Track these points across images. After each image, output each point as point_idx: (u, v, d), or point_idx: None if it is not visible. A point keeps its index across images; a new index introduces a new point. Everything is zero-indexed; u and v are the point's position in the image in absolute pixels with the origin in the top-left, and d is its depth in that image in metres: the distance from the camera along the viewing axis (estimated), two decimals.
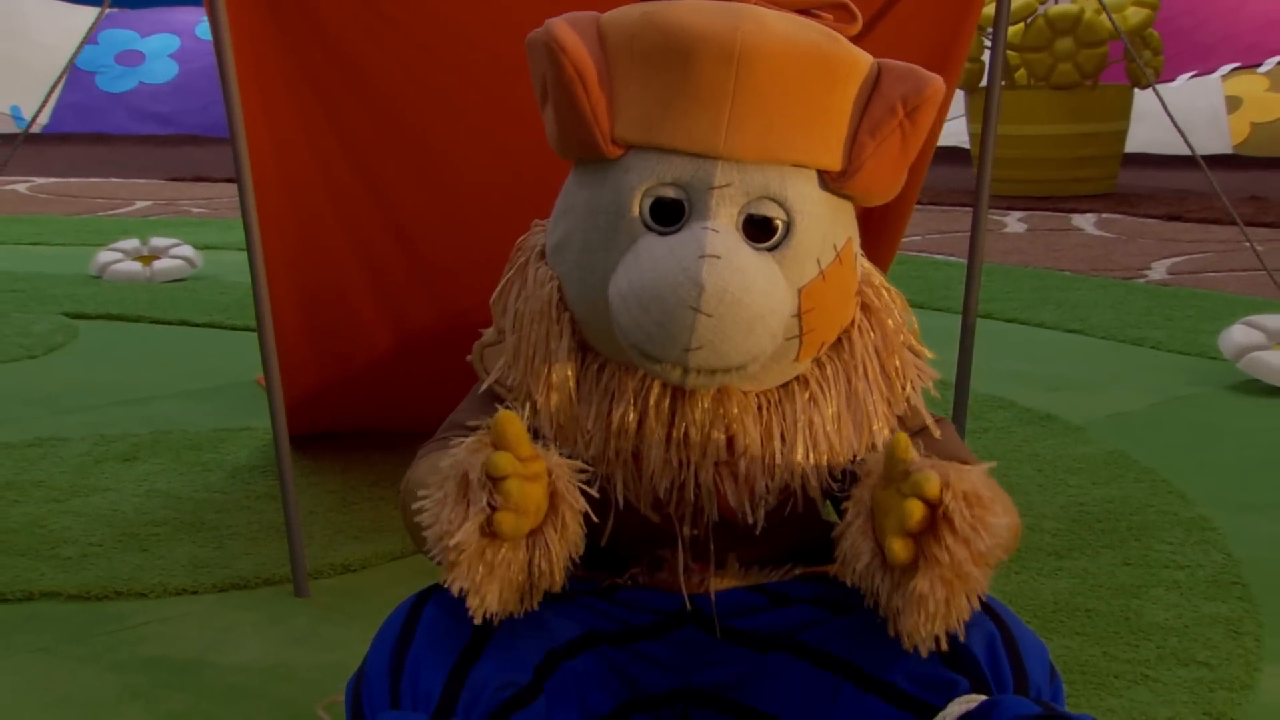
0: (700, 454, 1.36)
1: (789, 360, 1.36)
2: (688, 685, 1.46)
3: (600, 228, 1.33)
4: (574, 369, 1.37)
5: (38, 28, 8.51)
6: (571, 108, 1.32)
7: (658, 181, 1.31)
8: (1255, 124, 6.92)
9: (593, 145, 1.33)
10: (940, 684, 1.33)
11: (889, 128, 1.33)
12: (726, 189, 1.30)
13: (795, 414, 1.38)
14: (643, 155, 1.32)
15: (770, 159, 1.31)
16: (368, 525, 2.17)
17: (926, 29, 2.16)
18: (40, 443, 2.56)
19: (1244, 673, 1.71)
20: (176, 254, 4.14)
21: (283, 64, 2.01)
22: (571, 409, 1.38)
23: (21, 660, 1.75)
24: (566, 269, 1.37)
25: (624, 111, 1.32)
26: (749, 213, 1.31)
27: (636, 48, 1.31)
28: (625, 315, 1.29)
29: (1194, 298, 3.91)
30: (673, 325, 1.26)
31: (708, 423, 1.35)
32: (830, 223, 1.36)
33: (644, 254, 1.29)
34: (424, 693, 1.31)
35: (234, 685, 1.69)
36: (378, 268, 2.23)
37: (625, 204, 1.32)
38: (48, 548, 2.06)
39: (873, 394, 1.41)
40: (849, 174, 1.34)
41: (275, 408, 1.95)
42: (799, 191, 1.32)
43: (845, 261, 1.38)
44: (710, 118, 1.30)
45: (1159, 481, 2.40)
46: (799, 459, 1.38)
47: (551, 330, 1.38)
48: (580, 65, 1.31)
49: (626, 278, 1.30)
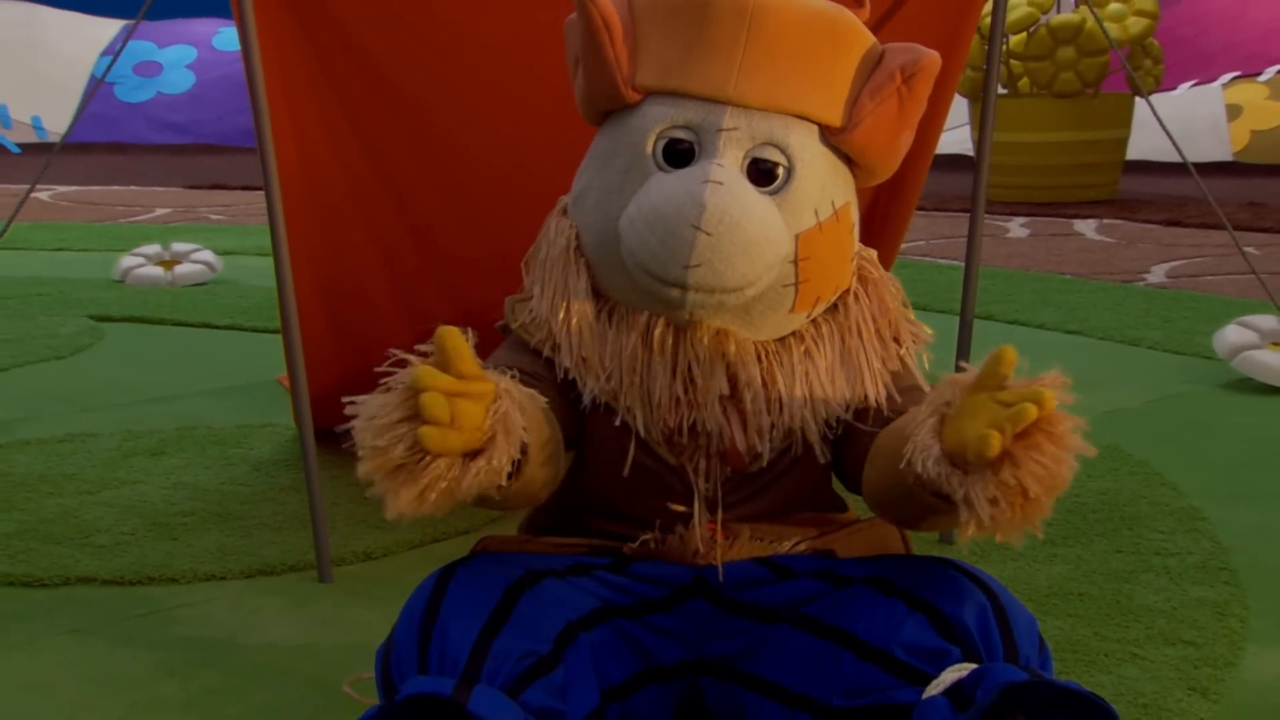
0: (705, 389, 1.45)
1: (784, 311, 1.46)
2: (697, 656, 1.54)
3: (616, 169, 1.45)
4: (591, 305, 1.48)
5: (57, 39, 8.60)
6: (598, 55, 1.44)
7: (671, 124, 1.43)
8: (1255, 132, 6.98)
9: (615, 91, 1.45)
10: (934, 653, 1.40)
11: (888, 91, 1.45)
12: (734, 132, 1.42)
13: (792, 363, 1.48)
14: (659, 100, 1.44)
15: (776, 107, 1.43)
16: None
17: (928, 31, 2.23)
18: (71, 438, 2.64)
19: (1228, 651, 1.78)
20: (197, 259, 4.21)
21: (307, 68, 2.09)
22: (590, 342, 1.48)
23: (61, 640, 1.83)
24: (584, 216, 1.49)
25: (645, 62, 1.44)
26: (754, 156, 1.43)
27: (660, 3, 1.44)
28: (633, 236, 1.40)
29: (1191, 300, 3.98)
30: (675, 242, 1.37)
31: (708, 359, 1.45)
32: (829, 179, 1.47)
33: (654, 185, 1.41)
34: (450, 660, 1.39)
35: (263, 663, 1.76)
36: (396, 264, 2.31)
37: (640, 144, 1.44)
38: (82, 536, 2.15)
39: (865, 351, 1.52)
40: (848, 129, 1.46)
41: (300, 398, 2.02)
42: (800, 141, 1.44)
43: (842, 221, 1.48)
44: (722, 65, 1.42)
45: (1152, 474, 2.47)
46: (798, 402, 1.48)
47: (570, 272, 1.49)
48: (608, 18, 1.43)
49: (636, 205, 1.41)
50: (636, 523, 1.56)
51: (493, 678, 1.38)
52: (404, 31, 2.07)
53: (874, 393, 1.52)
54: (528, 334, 1.54)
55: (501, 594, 1.43)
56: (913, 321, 1.58)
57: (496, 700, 1.35)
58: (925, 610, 1.44)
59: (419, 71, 2.12)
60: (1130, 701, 1.64)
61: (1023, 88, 6.06)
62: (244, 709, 1.64)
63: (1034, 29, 5.92)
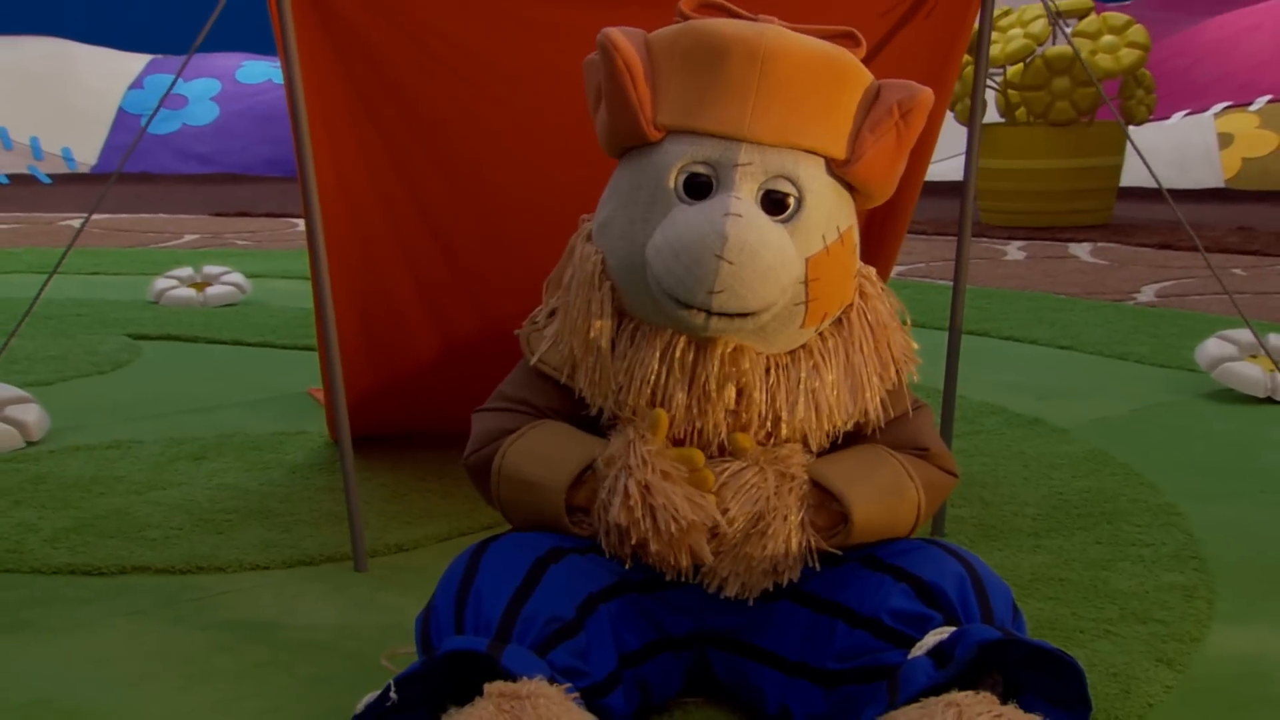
0: (714, 404, 1.61)
1: (796, 326, 1.61)
2: (705, 628, 1.68)
3: (640, 202, 1.59)
4: (611, 327, 1.63)
5: (87, 73, 8.83)
6: (621, 97, 1.58)
7: (691, 160, 1.58)
8: (1246, 159, 7.14)
9: (638, 129, 1.59)
10: (918, 619, 1.56)
11: (886, 126, 1.61)
12: (749, 167, 1.57)
13: (799, 377, 1.63)
14: (679, 138, 1.58)
15: (786, 143, 1.58)
16: (417, 513, 2.40)
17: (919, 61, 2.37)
18: (118, 445, 2.79)
19: (1195, 628, 1.92)
20: (228, 280, 4.37)
21: (345, 98, 2.24)
22: (607, 363, 1.63)
23: (120, 621, 1.97)
24: (610, 243, 1.63)
25: (664, 103, 1.58)
26: (767, 189, 1.58)
27: (678, 49, 1.58)
28: (660, 264, 1.55)
29: (1178, 318, 4.13)
30: (700, 269, 1.52)
31: (723, 375, 1.61)
32: (835, 206, 1.62)
33: (678, 216, 1.56)
34: (484, 622, 1.54)
35: (307, 641, 1.90)
36: (425, 279, 2.45)
37: (663, 179, 1.58)
38: (134, 531, 2.30)
39: (867, 367, 1.67)
40: (852, 162, 1.61)
41: (338, 400, 2.17)
42: (809, 173, 1.59)
43: (846, 243, 1.63)
44: (737, 106, 1.57)
45: (1133, 475, 2.61)
46: (800, 415, 1.63)
47: (594, 296, 1.63)
48: (630, 61, 1.58)
49: (662, 234, 1.56)
50: None
51: (522, 638, 1.52)
52: (435, 64, 2.23)
53: (872, 408, 1.68)
54: (545, 364, 1.70)
55: (530, 566, 1.58)
56: (907, 338, 1.73)
57: (526, 658, 1.49)
58: (910, 581, 1.59)
59: (448, 100, 2.27)
60: (1102, 671, 1.77)
61: (1019, 116, 6.23)
62: (291, 680, 1.78)
63: (1030, 60, 6.09)
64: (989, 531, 2.31)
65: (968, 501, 2.45)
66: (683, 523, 1.58)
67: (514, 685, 1.43)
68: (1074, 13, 6.18)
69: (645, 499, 1.59)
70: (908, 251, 5.47)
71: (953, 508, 2.38)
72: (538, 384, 1.71)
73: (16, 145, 8.48)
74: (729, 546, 1.61)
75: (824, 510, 1.64)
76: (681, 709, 1.70)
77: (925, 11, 2.31)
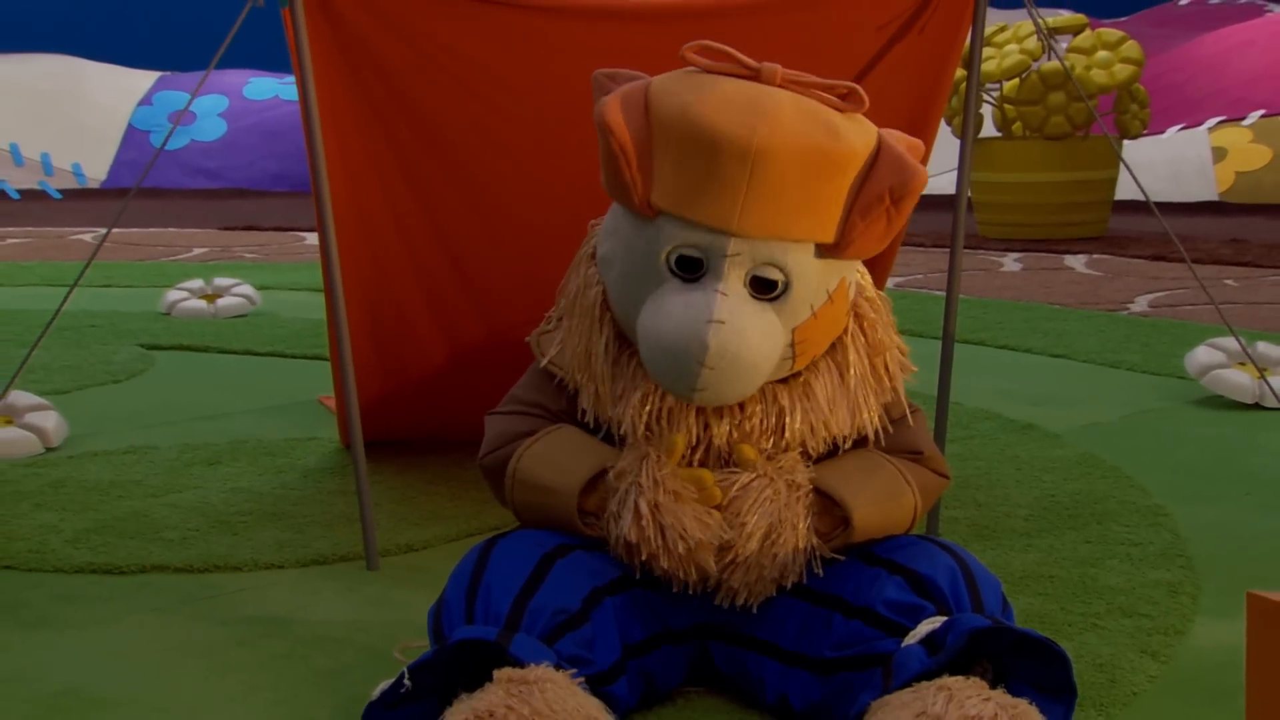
0: (715, 425, 1.69)
1: (785, 372, 1.69)
2: (706, 621, 1.75)
3: (636, 264, 1.65)
4: (610, 359, 1.70)
5: (96, 90, 8.94)
6: (616, 176, 1.63)
7: (682, 243, 1.61)
8: (1239, 173, 7.22)
9: (632, 205, 1.64)
10: (911, 609, 1.62)
11: (877, 212, 1.63)
12: (737, 257, 1.61)
13: (794, 395, 1.70)
14: (671, 221, 1.61)
15: (775, 236, 1.60)
16: (426, 515, 2.47)
17: (912, 76, 2.45)
18: (134, 450, 2.86)
19: (1179, 622, 1.98)
20: (238, 292, 4.44)
21: (357, 112, 2.31)
22: (605, 392, 1.71)
23: (142, 617, 2.04)
24: (610, 280, 1.70)
25: (659, 184, 1.61)
26: (754, 274, 1.62)
27: (673, 135, 1.60)
28: (647, 351, 1.63)
29: (1170, 327, 4.19)
30: (683, 372, 1.59)
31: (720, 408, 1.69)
32: (821, 278, 1.65)
33: (666, 304, 1.61)
34: (494, 613, 1.60)
35: (322, 635, 1.96)
36: (434, 288, 2.51)
37: (655, 255, 1.62)
38: (152, 532, 2.37)
39: (862, 386, 1.73)
40: (841, 246, 1.64)
41: (350, 405, 2.24)
42: (797, 259, 1.62)
43: (836, 300, 1.68)
44: (727, 202, 1.59)
45: (1123, 478, 2.67)
46: (798, 426, 1.70)
47: (594, 327, 1.71)
48: (624, 144, 1.61)
49: (652, 320, 1.61)
50: None
51: (530, 629, 1.59)
52: (446, 79, 2.30)
53: (870, 424, 1.75)
54: (554, 366, 1.78)
55: (538, 561, 1.65)
56: (902, 350, 1.78)
57: (534, 646, 1.56)
58: (904, 574, 1.66)
59: (458, 114, 2.34)
60: (1089, 662, 1.83)
61: (1016, 131, 6.31)
62: (308, 671, 1.85)
63: (1026, 75, 6.18)
64: (982, 532, 2.38)
65: (961, 503, 2.51)
66: (691, 542, 1.65)
67: (522, 671, 1.50)
68: (1069, 29, 6.27)
69: (655, 518, 1.66)
70: (906, 263, 5.55)
71: (947, 509, 2.45)
72: (549, 387, 1.79)
73: (28, 161, 8.58)
74: (742, 560, 1.68)
75: (825, 515, 1.71)
76: (684, 698, 1.76)
77: (919, 27, 2.38)
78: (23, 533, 2.36)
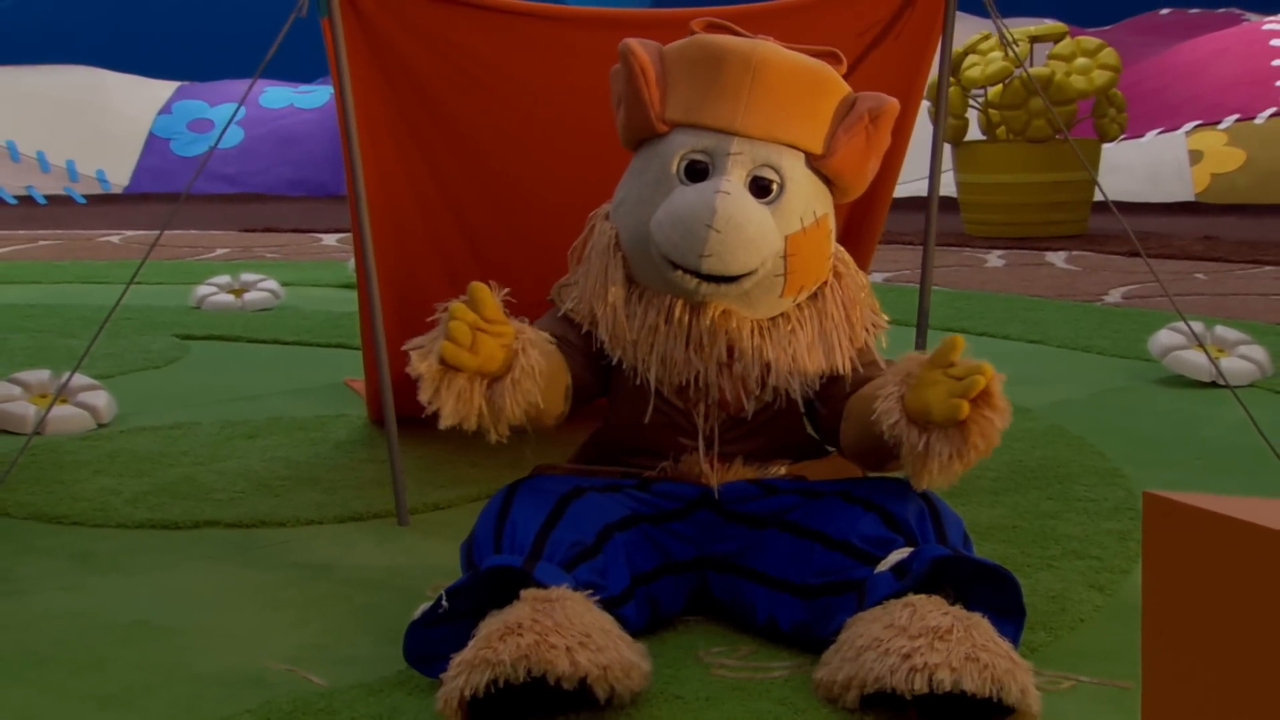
0: (708, 355, 1.92)
1: (775, 295, 1.91)
2: (704, 554, 1.97)
3: (648, 183, 1.90)
4: (624, 291, 1.93)
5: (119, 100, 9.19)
6: (636, 96, 1.89)
7: (691, 149, 1.88)
8: (1215, 175, 7.45)
9: (649, 123, 1.89)
10: (883, 541, 1.85)
11: (858, 128, 1.91)
12: (739, 156, 1.87)
13: (779, 338, 1.94)
14: (682, 131, 1.89)
15: (772, 138, 1.88)
16: (449, 480, 2.69)
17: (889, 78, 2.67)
18: (179, 426, 3.09)
19: (1125, 563, 2.20)
20: (263, 287, 4.67)
21: (387, 112, 2.53)
22: (621, 320, 1.93)
23: (198, 564, 2.26)
24: (622, 219, 1.94)
25: (672, 101, 1.89)
26: (754, 175, 1.88)
27: (685, 58, 1.89)
28: (659, 233, 1.85)
29: (1140, 316, 4.42)
30: (692, 236, 1.82)
31: (713, 331, 1.91)
32: (812, 194, 1.92)
33: (676, 195, 1.86)
34: (519, 545, 1.82)
35: (362, 578, 2.18)
36: (455, 272, 2.72)
37: (667, 164, 1.87)
38: (203, 494, 2.59)
39: (838, 331, 1.98)
40: (827, 156, 1.91)
41: (382, 375, 2.47)
42: (790, 164, 1.89)
43: (821, 228, 1.93)
44: (731, 105, 1.87)
45: (1086, 446, 2.89)
46: (783, 367, 1.94)
47: (610, 264, 1.94)
48: (645, 67, 1.89)
49: (663, 209, 1.86)
50: (656, 454, 2.02)
51: (551, 558, 1.81)
52: (468, 81, 2.52)
53: (843, 365, 1.99)
54: (573, 314, 2.01)
55: (556, 500, 1.88)
56: (875, 310, 2.04)
57: (555, 572, 1.78)
58: (877, 510, 1.88)
59: (480, 114, 2.56)
60: (1042, 594, 2.05)
61: (1000, 134, 6.55)
62: (350, 607, 2.06)
63: (1008, 81, 6.42)
64: (953, 491, 2.53)
65: None
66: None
67: (545, 591, 1.71)
68: (1049, 37, 6.51)
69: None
70: (894, 260, 5.78)
71: None
72: (566, 326, 2.01)
73: (54, 168, 8.84)
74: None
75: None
76: (685, 625, 1.97)
77: (895, 33, 2.63)
78: (86, 494, 2.60)
